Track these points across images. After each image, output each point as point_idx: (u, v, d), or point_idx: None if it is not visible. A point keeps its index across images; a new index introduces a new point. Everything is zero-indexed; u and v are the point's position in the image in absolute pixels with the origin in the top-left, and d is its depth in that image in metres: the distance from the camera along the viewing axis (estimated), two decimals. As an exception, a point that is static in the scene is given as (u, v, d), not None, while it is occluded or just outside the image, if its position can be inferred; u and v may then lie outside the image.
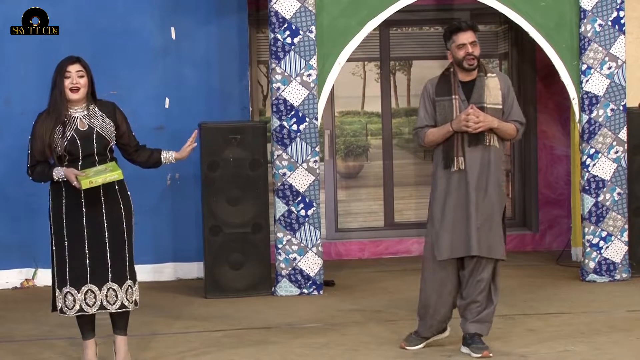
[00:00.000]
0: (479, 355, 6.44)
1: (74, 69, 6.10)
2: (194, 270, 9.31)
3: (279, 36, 8.43)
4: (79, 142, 6.11)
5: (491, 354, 6.45)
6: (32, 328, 7.62)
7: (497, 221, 6.44)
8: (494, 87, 6.39)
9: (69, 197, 6.16)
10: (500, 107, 6.39)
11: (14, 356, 6.87)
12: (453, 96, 6.38)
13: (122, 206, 6.25)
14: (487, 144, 6.35)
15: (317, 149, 8.54)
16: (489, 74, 6.42)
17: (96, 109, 6.22)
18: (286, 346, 6.94)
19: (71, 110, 6.17)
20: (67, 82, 6.09)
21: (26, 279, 9.17)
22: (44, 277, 9.00)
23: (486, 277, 6.44)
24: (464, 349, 6.55)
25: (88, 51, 6.83)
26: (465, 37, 6.35)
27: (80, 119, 6.16)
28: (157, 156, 6.45)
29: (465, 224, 6.35)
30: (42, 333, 7.46)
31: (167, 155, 6.46)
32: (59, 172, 6.11)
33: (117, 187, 6.23)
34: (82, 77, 6.12)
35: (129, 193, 6.33)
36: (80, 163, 6.12)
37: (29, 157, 6.21)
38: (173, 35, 9.24)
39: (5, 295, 8.90)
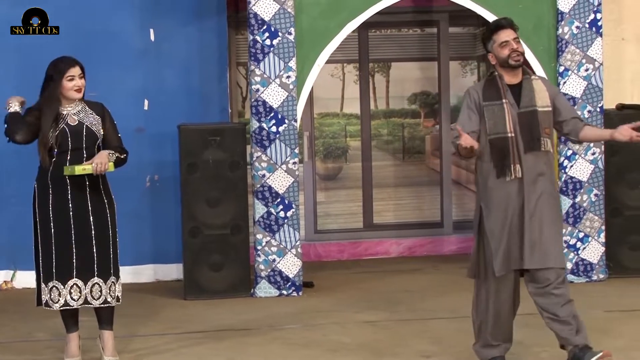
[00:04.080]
0: (600, 354, 5.92)
1: (76, 72, 6.41)
2: (173, 271, 9.29)
3: (258, 38, 8.43)
4: (69, 135, 6.35)
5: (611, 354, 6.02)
6: (10, 329, 7.60)
7: (558, 230, 6.07)
8: (541, 90, 6.01)
9: (55, 193, 6.38)
10: (550, 109, 6.00)
11: (-8, 358, 6.90)
12: (503, 100, 5.95)
13: (106, 205, 6.48)
14: (543, 149, 5.96)
15: (297, 151, 8.54)
16: (532, 77, 6.07)
17: (86, 107, 6.48)
18: (266, 347, 6.95)
19: (61, 107, 6.41)
20: (71, 84, 6.37)
21: (5, 281, 9.13)
22: (23, 278, 8.96)
23: (565, 290, 5.97)
24: None
25: (68, 52, 6.82)
26: (507, 34, 5.97)
27: (71, 115, 6.41)
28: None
29: (521, 235, 5.92)
30: (20, 335, 7.44)
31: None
32: (8, 105, 6.40)
33: (102, 186, 6.47)
34: (81, 78, 6.44)
35: (112, 193, 6.54)
36: (69, 156, 6.34)
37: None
38: (152, 37, 9.23)
39: (-16, 297, 8.90)
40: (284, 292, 8.57)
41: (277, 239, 8.54)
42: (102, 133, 6.46)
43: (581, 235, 8.69)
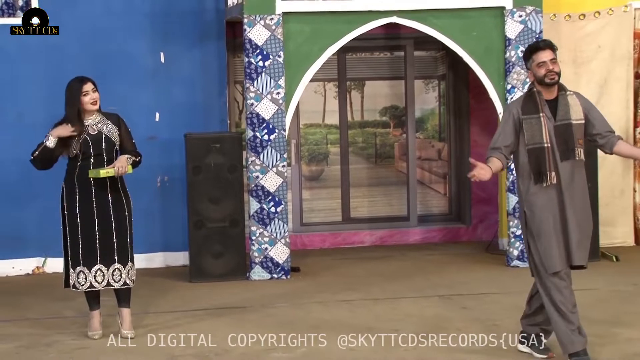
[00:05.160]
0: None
1: (89, 87, 6.38)
2: (180, 258, 9.27)
3: (252, 60, 8.44)
4: (91, 143, 6.36)
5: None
6: (42, 308, 7.60)
7: (589, 232, 5.72)
8: (575, 104, 5.66)
9: (81, 192, 6.41)
10: (583, 122, 5.67)
11: (28, 331, 6.88)
12: (540, 114, 5.61)
13: (124, 202, 6.51)
14: (577, 158, 5.65)
15: (285, 156, 8.55)
16: (567, 92, 5.71)
17: (104, 118, 6.48)
18: (259, 322, 6.95)
19: (83, 119, 6.42)
20: (87, 99, 6.36)
21: (37, 267, 9.10)
22: (53, 264, 8.94)
23: None
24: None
25: (91, 72, 6.81)
26: (545, 55, 5.63)
27: (91, 125, 6.42)
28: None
29: (565, 237, 5.62)
30: (50, 312, 7.44)
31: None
32: (48, 137, 6.32)
33: (120, 186, 6.50)
34: (95, 91, 6.42)
35: (128, 192, 6.59)
36: (92, 161, 6.38)
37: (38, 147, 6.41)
38: (162, 59, 9.21)
39: (19, 281, 8.84)
40: (275, 275, 8.57)
41: (269, 230, 8.55)
42: (119, 140, 6.48)
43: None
